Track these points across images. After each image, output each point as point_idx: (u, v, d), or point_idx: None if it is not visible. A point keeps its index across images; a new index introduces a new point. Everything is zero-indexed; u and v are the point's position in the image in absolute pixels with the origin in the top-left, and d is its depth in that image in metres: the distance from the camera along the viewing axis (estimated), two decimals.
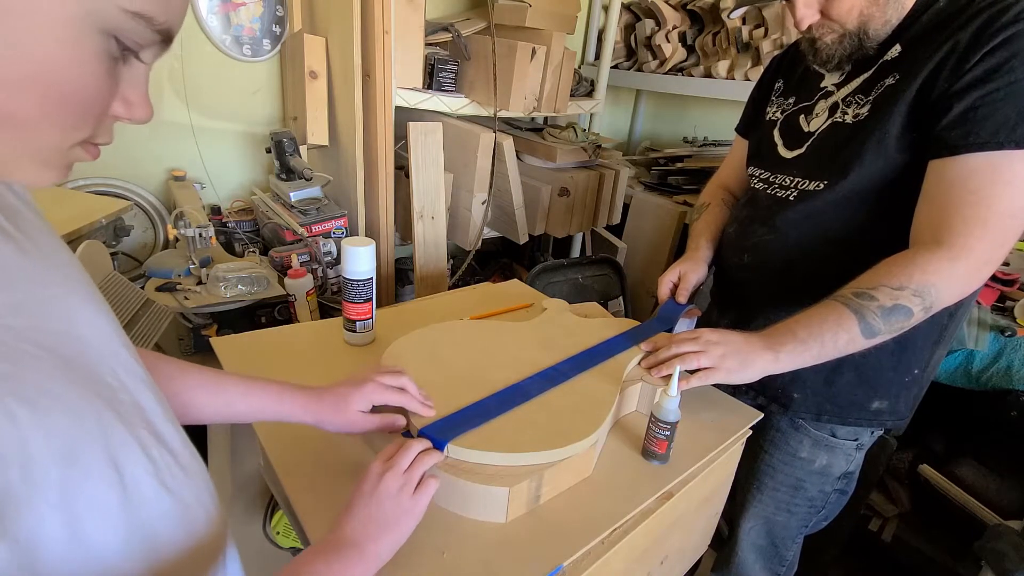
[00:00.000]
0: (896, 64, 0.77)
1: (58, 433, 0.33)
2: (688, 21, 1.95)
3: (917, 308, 0.70)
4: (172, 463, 0.42)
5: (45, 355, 0.35)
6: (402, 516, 0.54)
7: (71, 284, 0.40)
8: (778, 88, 0.97)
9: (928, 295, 0.69)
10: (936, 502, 1.44)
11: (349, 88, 1.30)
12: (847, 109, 0.81)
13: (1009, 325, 1.31)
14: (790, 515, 1.00)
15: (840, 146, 0.80)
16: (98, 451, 0.35)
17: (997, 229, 0.68)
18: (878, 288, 0.71)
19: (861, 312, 0.71)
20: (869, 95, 0.79)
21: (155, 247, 1.48)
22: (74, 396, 0.35)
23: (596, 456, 0.71)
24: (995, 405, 1.33)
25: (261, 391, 0.61)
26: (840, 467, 0.95)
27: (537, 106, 1.54)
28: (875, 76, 0.79)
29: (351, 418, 0.63)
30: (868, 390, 0.88)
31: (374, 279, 0.90)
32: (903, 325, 0.71)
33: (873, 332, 0.71)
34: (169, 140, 1.45)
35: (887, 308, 0.70)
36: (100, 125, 0.36)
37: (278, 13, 1.47)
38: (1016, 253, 1.53)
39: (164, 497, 0.40)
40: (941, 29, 0.73)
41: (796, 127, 0.89)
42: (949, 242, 0.69)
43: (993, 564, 1.13)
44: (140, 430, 0.39)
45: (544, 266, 1.66)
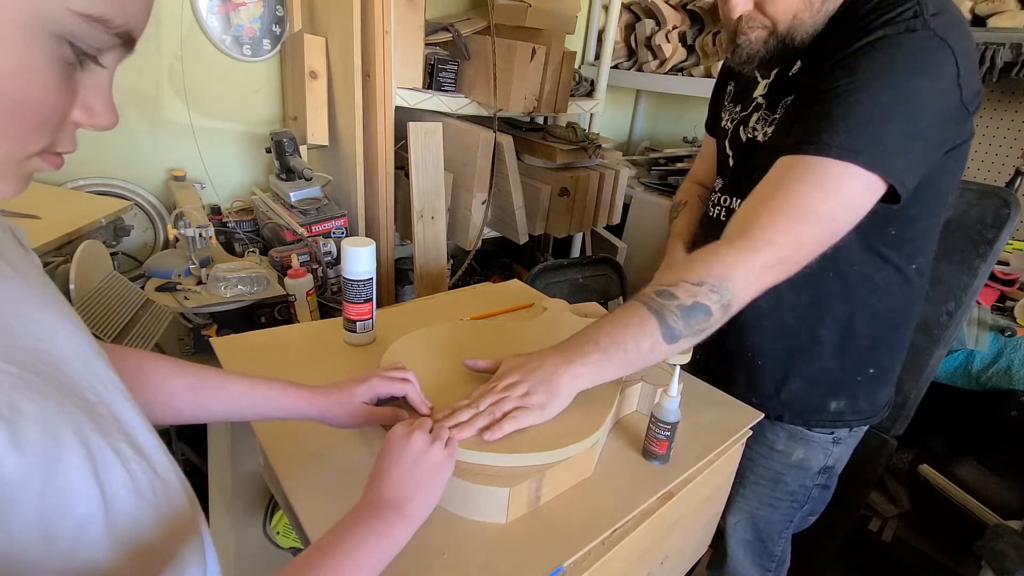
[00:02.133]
0: (795, 81, 0.77)
1: (34, 450, 0.32)
2: (688, 21, 1.95)
3: (715, 305, 0.66)
4: (150, 472, 0.41)
5: (17, 371, 0.33)
6: (437, 471, 0.54)
7: (46, 302, 0.39)
8: (729, 92, 0.95)
9: (725, 290, 0.66)
10: (936, 502, 1.44)
11: (349, 88, 1.30)
12: (758, 126, 0.82)
13: (1009, 325, 1.31)
14: (773, 509, 1.00)
15: (755, 165, 0.77)
16: (79, 464, 0.35)
17: (798, 225, 0.66)
18: (678, 284, 0.67)
19: (662, 313, 0.66)
20: (775, 112, 0.79)
21: (155, 247, 1.48)
22: (51, 412, 0.34)
23: (596, 456, 0.71)
24: (995, 405, 1.34)
25: (265, 388, 0.61)
26: (818, 461, 0.95)
27: (537, 106, 1.54)
28: (780, 93, 0.80)
29: (355, 410, 0.63)
30: (821, 392, 0.89)
31: (374, 279, 0.90)
32: (703, 327, 0.67)
33: (674, 335, 0.66)
34: (169, 140, 1.45)
35: (686, 307, 0.66)
36: (59, 134, 0.34)
37: (278, 13, 1.47)
38: (1016, 253, 1.53)
39: (143, 507, 0.40)
40: (829, 39, 0.72)
41: (737, 139, 0.89)
42: (751, 234, 0.67)
43: (993, 564, 1.13)
44: (120, 442, 0.39)
45: (544, 266, 1.66)
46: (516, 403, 0.66)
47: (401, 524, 0.49)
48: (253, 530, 1.05)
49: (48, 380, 0.35)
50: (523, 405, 0.66)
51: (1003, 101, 1.64)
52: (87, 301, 0.93)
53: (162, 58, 1.38)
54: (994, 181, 1.67)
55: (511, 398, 0.67)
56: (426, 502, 0.52)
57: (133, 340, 0.96)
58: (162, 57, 1.38)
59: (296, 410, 0.62)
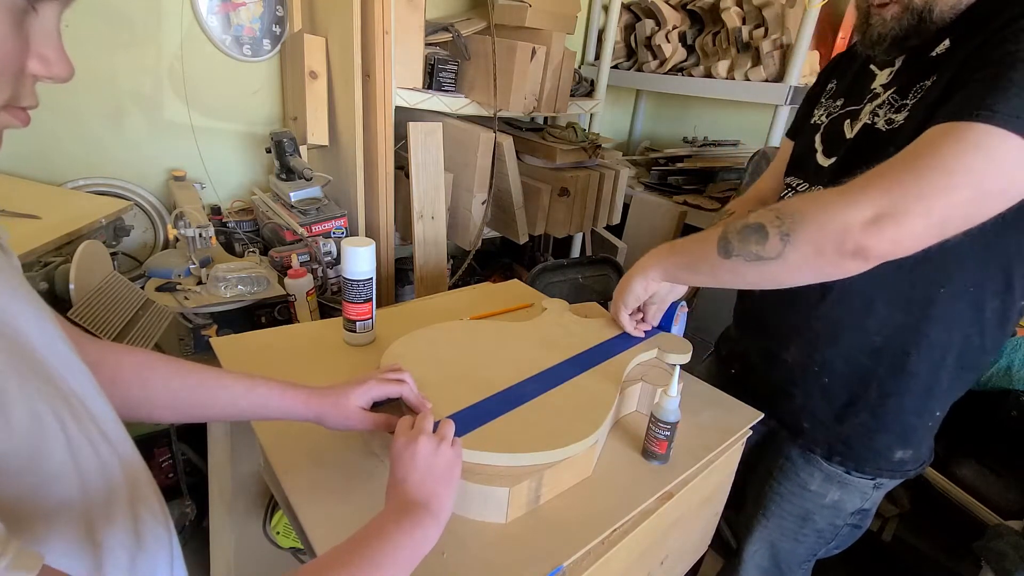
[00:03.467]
0: (938, 63, 0.67)
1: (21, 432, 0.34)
2: (688, 21, 1.95)
3: (773, 230, 0.62)
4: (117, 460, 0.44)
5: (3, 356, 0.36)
6: (451, 468, 0.55)
7: (12, 288, 0.40)
8: (830, 89, 0.87)
9: (789, 220, 0.61)
10: (936, 502, 1.44)
11: (349, 88, 1.30)
12: (879, 111, 0.72)
13: None
14: (796, 543, 0.94)
15: (868, 156, 0.66)
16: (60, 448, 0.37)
17: (923, 174, 0.55)
18: (767, 210, 0.65)
19: (726, 227, 0.68)
20: (906, 98, 0.69)
21: (155, 247, 1.48)
22: (33, 396, 0.37)
23: (596, 456, 0.71)
24: (995, 405, 1.33)
25: (264, 389, 0.61)
26: (854, 504, 0.86)
27: (537, 106, 1.54)
28: (917, 75, 0.69)
29: (350, 414, 0.63)
30: (889, 437, 0.79)
31: (374, 279, 0.90)
32: (758, 251, 0.64)
33: (728, 249, 0.67)
34: (169, 140, 1.45)
35: (747, 224, 0.65)
36: (20, 87, 0.35)
37: (278, 13, 1.47)
38: None
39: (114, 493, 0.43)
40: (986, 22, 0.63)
41: (839, 132, 0.79)
42: (863, 182, 0.59)
43: (993, 564, 1.13)
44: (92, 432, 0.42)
45: (544, 266, 1.66)
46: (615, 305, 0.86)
47: (432, 522, 0.50)
48: (253, 530, 1.05)
49: (27, 365, 0.38)
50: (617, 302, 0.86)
51: None
52: (87, 301, 0.93)
53: (162, 58, 1.38)
54: None
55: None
56: (449, 499, 0.53)
57: (133, 340, 0.96)
58: (162, 57, 1.38)
59: (293, 412, 0.62)
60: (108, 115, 1.35)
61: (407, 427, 0.58)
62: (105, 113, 1.34)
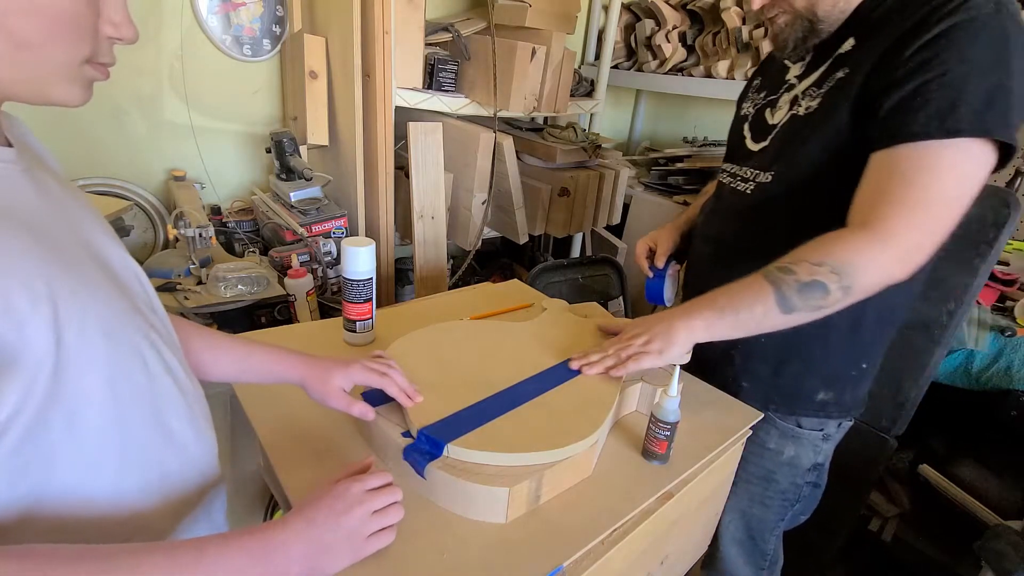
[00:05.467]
0: (848, 57, 0.77)
1: (102, 313, 0.44)
2: (688, 21, 1.95)
3: (834, 286, 0.70)
4: (177, 364, 0.53)
5: (90, 259, 0.46)
6: (343, 551, 0.50)
7: (97, 222, 0.51)
8: (755, 85, 0.99)
9: (847, 274, 0.69)
10: (936, 502, 1.44)
11: (349, 88, 1.30)
12: (802, 102, 0.82)
13: (1009, 325, 1.31)
14: (765, 508, 1.01)
15: (791, 139, 0.82)
16: (127, 334, 0.47)
17: (923, 215, 0.67)
18: (799, 263, 0.72)
19: (778, 285, 0.72)
20: (821, 88, 0.80)
21: (155, 247, 1.48)
22: (110, 290, 0.46)
23: (596, 456, 0.71)
24: (995, 405, 1.33)
25: (263, 350, 0.68)
26: (808, 458, 0.96)
27: (537, 106, 1.54)
28: (829, 69, 0.80)
29: (331, 391, 0.66)
30: (814, 380, 0.90)
31: (374, 279, 0.90)
32: (820, 304, 0.71)
33: (789, 307, 0.72)
34: (169, 140, 1.45)
35: (804, 283, 0.71)
36: (97, 45, 0.43)
37: (278, 13, 1.47)
38: (1016, 253, 1.53)
39: (175, 393, 0.51)
40: (888, 22, 0.73)
41: (763, 120, 0.91)
42: (874, 225, 0.69)
43: (993, 564, 1.13)
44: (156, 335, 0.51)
45: (544, 266, 1.66)
46: (638, 349, 0.78)
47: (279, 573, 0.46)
48: None
49: (107, 271, 0.48)
50: (644, 351, 0.78)
51: None
52: None
53: (162, 58, 1.38)
54: (994, 181, 1.67)
55: (634, 345, 0.79)
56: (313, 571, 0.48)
57: None
58: (162, 57, 1.38)
59: (284, 374, 0.68)
60: (108, 115, 1.35)
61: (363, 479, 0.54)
62: (105, 113, 1.34)
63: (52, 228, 0.44)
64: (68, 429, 0.42)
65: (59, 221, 0.45)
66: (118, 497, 0.46)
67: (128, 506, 0.47)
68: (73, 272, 0.43)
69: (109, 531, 0.45)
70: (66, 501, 0.43)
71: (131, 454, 0.47)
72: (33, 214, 0.43)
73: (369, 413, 0.67)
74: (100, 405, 0.44)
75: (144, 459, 0.48)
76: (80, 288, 0.42)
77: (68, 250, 0.44)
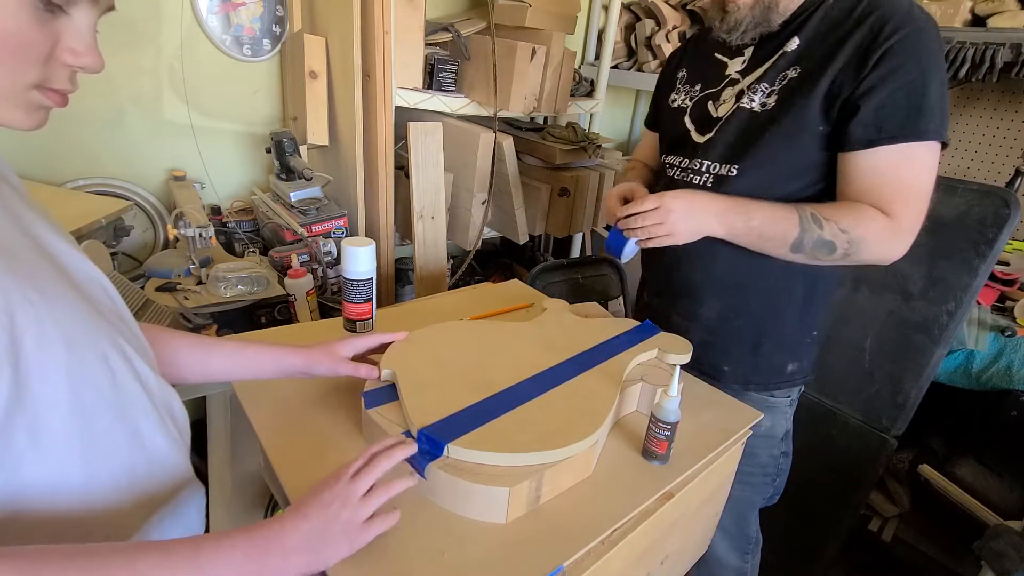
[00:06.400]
0: (798, 58, 0.84)
1: (62, 322, 0.43)
2: (688, 21, 1.95)
3: (840, 252, 0.81)
4: (146, 369, 0.52)
5: (49, 268, 0.45)
6: (340, 541, 0.50)
7: (56, 231, 0.49)
8: (682, 77, 1.01)
9: (856, 247, 0.80)
10: (936, 502, 1.44)
11: (349, 88, 1.30)
12: (753, 96, 0.87)
13: (1009, 325, 1.31)
14: (748, 487, 1.04)
15: (750, 133, 0.87)
16: (90, 342, 0.45)
17: (920, 203, 0.79)
18: (830, 222, 0.80)
19: (804, 231, 0.80)
20: (773, 85, 0.85)
21: (155, 247, 1.47)
22: (72, 298, 0.45)
23: (596, 456, 0.71)
24: (995, 405, 1.34)
25: (256, 345, 0.70)
26: (781, 426, 1.02)
27: (537, 106, 1.54)
28: (776, 66, 0.85)
29: (339, 360, 0.72)
30: (784, 354, 0.97)
31: (374, 279, 0.90)
32: (819, 259, 0.82)
33: (798, 250, 0.82)
34: (169, 140, 1.45)
35: (824, 240, 0.80)
36: (50, 71, 0.42)
37: (278, 13, 1.47)
38: (1016, 253, 1.53)
39: (143, 398, 0.51)
40: (835, 29, 0.81)
41: (705, 112, 0.94)
42: (896, 213, 0.78)
43: (993, 564, 1.13)
44: (123, 340, 0.49)
45: (544, 266, 1.66)
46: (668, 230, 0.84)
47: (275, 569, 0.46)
48: None
49: (68, 277, 0.47)
50: (671, 233, 0.84)
51: (1003, 101, 1.64)
52: None
53: (162, 58, 1.38)
54: (994, 181, 1.67)
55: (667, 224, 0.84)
56: (312, 564, 0.48)
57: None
58: (162, 57, 1.38)
59: (283, 363, 0.69)
60: (108, 115, 1.35)
61: (357, 467, 0.55)
62: (105, 113, 1.34)
63: (8, 236, 0.43)
64: (32, 438, 0.41)
65: (13, 230, 0.44)
66: (86, 502, 0.46)
67: (99, 506, 0.47)
68: (29, 281, 0.41)
69: (79, 531, 0.45)
70: (33, 507, 0.42)
71: (97, 460, 0.46)
72: None
73: (374, 371, 0.73)
74: (64, 413, 0.43)
75: (112, 464, 0.48)
76: (37, 297, 0.41)
77: (23, 258, 0.43)
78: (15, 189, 0.48)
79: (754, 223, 0.82)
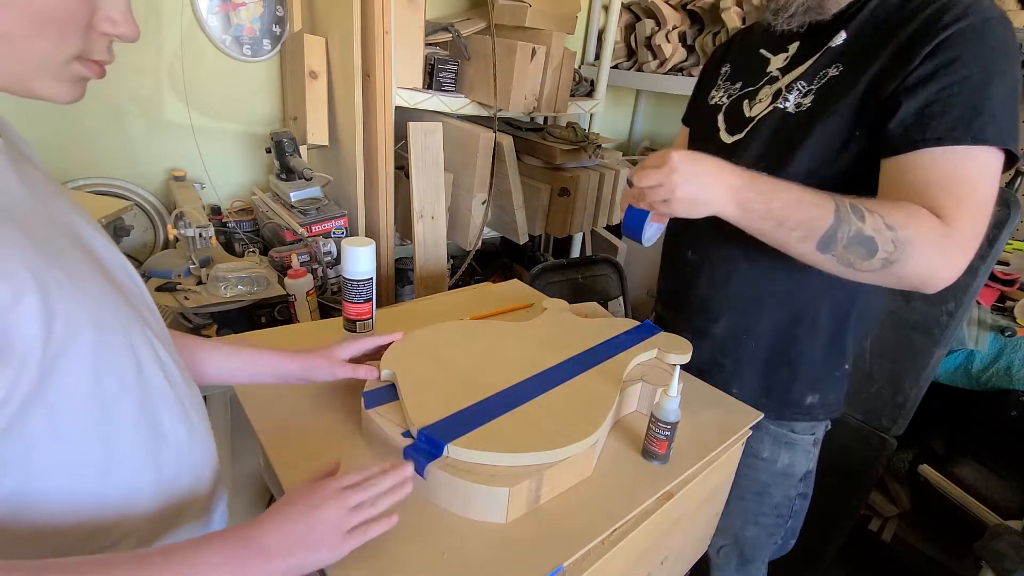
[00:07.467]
0: (841, 55, 0.74)
1: (91, 305, 0.43)
2: (688, 21, 1.95)
3: (881, 256, 0.65)
4: (171, 362, 0.52)
5: (77, 250, 0.45)
6: (322, 547, 0.49)
7: (85, 218, 0.50)
8: (725, 72, 0.93)
9: (902, 251, 0.65)
10: (936, 502, 1.44)
11: (349, 88, 1.30)
12: (788, 96, 0.78)
13: (1009, 325, 1.31)
14: (758, 528, 0.97)
15: (783, 134, 0.78)
16: (118, 327, 0.45)
17: (978, 215, 0.65)
18: (874, 213, 0.65)
19: (840, 222, 0.65)
20: (812, 84, 0.76)
21: (155, 247, 1.48)
22: (100, 282, 0.45)
23: (596, 456, 0.71)
24: (995, 405, 1.34)
25: (251, 350, 0.70)
26: (802, 466, 0.93)
27: (537, 106, 1.54)
28: (818, 63, 0.76)
29: (337, 364, 0.72)
30: (802, 386, 0.89)
31: (374, 279, 0.90)
32: (853, 263, 0.67)
33: (830, 248, 0.66)
34: (169, 140, 1.45)
35: (864, 236, 0.65)
36: (89, 41, 0.42)
37: (278, 13, 1.47)
38: (1016, 253, 1.53)
39: (168, 390, 0.50)
40: (884, 24, 0.71)
41: (739, 112, 0.86)
42: (950, 216, 0.65)
43: (993, 564, 1.13)
44: (148, 329, 0.49)
45: (544, 266, 1.66)
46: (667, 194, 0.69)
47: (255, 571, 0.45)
48: None
49: (96, 260, 0.48)
50: (669, 199, 0.69)
51: None
52: None
53: (162, 58, 1.38)
54: None
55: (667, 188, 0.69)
56: (293, 568, 0.47)
57: None
58: (162, 57, 1.38)
59: (281, 368, 0.70)
60: (108, 115, 1.35)
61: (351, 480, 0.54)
62: (105, 113, 1.34)
63: (37, 219, 0.42)
64: (49, 425, 0.40)
65: (44, 213, 0.44)
66: (103, 500, 0.44)
67: (114, 509, 0.45)
68: (59, 263, 0.41)
69: (93, 537, 0.44)
70: (46, 504, 0.41)
71: (118, 454, 0.45)
72: (17, 204, 0.41)
73: (374, 371, 0.73)
74: (84, 400, 0.42)
75: (133, 460, 0.46)
76: (66, 279, 0.41)
77: (54, 241, 0.43)
78: (44, 175, 0.48)
79: (775, 204, 0.67)
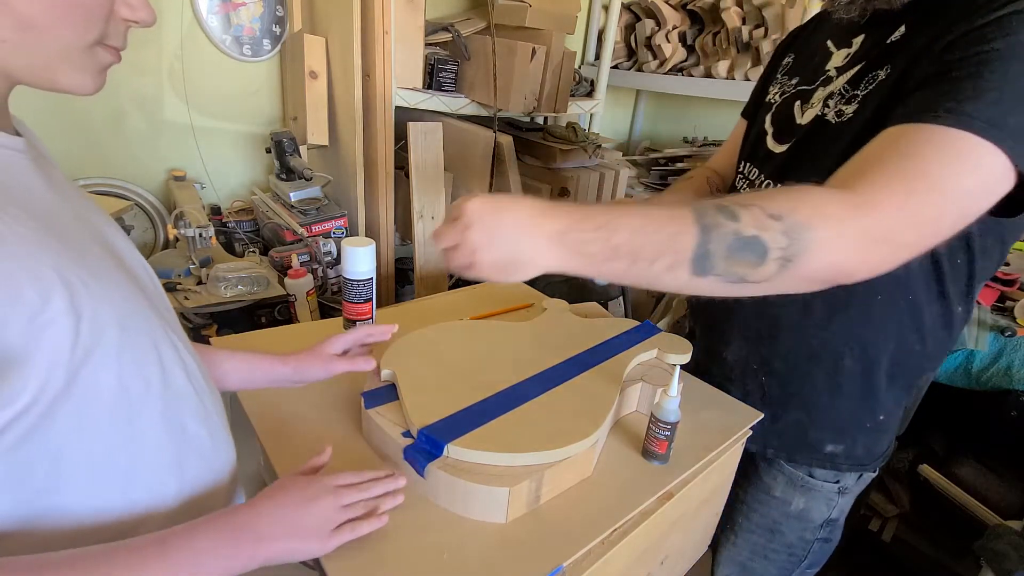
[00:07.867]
0: (893, 53, 0.63)
1: (116, 304, 0.43)
2: (688, 21, 1.95)
3: (775, 254, 0.49)
4: (192, 362, 0.52)
5: (100, 250, 0.46)
6: (311, 537, 0.49)
7: (106, 217, 0.51)
8: (786, 64, 0.82)
9: (797, 240, 0.49)
10: (936, 502, 1.44)
11: (349, 88, 1.30)
12: (829, 103, 0.68)
13: (1009, 325, 1.31)
14: (767, 562, 0.90)
15: (818, 152, 0.67)
16: (143, 327, 0.46)
17: (922, 194, 0.50)
18: (750, 207, 0.50)
19: (709, 234, 0.50)
20: (858, 88, 0.65)
21: (155, 247, 1.48)
22: (123, 281, 0.46)
23: (596, 456, 0.71)
24: (995, 405, 1.33)
25: (244, 354, 0.70)
26: (820, 513, 0.84)
27: (537, 106, 1.54)
28: (871, 62, 0.65)
29: (329, 360, 0.71)
30: (819, 432, 0.80)
31: (374, 279, 0.90)
32: (745, 275, 0.50)
33: (706, 268, 0.50)
34: (169, 140, 1.45)
35: (744, 239, 0.49)
36: (109, 27, 0.42)
37: (278, 13, 1.47)
38: (1016, 253, 1.53)
39: (190, 391, 0.50)
40: (946, 10, 0.59)
41: (789, 116, 0.74)
42: (859, 189, 0.50)
43: (993, 564, 1.13)
44: (170, 330, 0.50)
45: None
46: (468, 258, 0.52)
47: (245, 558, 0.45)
48: None
49: (119, 261, 0.48)
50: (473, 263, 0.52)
51: None
52: None
53: (162, 58, 1.38)
54: None
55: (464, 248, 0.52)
56: (284, 551, 0.47)
57: None
58: (162, 57, 1.38)
59: (273, 372, 0.70)
60: (108, 115, 1.35)
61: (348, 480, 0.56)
62: (105, 113, 1.34)
63: (62, 219, 0.43)
64: (76, 427, 0.40)
65: (68, 213, 0.44)
66: (128, 502, 0.45)
67: (139, 512, 0.45)
68: (84, 262, 0.41)
69: (117, 540, 0.43)
70: (72, 506, 0.41)
71: (143, 455, 0.45)
72: (43, 204, 0.42)
73: (372, 362, 0.72)
74: (110, 401, 0.42)
75: (158, 461, 0.47)
76: (91, 279, 0.41)
77: (79, 241, 0.43)
78: (63, 175, 0.49)
79: (618, 239, 0.50)
